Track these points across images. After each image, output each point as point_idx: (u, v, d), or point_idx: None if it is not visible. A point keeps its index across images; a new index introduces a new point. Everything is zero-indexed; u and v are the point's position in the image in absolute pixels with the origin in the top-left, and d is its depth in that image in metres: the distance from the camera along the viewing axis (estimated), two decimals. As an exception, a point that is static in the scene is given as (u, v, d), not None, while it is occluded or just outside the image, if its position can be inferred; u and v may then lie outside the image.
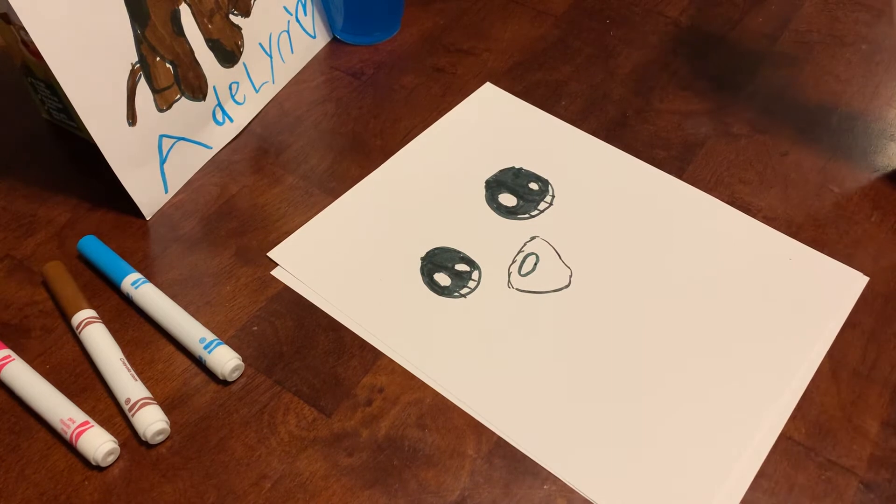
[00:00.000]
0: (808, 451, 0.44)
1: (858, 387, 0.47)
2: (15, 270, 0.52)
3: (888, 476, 0.43)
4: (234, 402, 0.46)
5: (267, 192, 0.57)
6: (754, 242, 0.54)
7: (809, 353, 0.48)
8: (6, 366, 0.46)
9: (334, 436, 0.45)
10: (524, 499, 0.43)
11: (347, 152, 0.60)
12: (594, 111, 0.63)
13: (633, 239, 0.54)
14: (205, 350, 0.46)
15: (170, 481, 0.43)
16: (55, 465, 0.43)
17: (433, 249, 0.53)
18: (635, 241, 0.54)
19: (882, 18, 0.71)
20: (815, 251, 0.53)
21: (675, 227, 0.55)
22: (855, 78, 0.65)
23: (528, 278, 0.52)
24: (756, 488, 0.43)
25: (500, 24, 0.70)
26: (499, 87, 0.65)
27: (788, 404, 0.46)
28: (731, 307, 0.50)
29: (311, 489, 0.43)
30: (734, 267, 0.52)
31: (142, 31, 0.51)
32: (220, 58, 0.58)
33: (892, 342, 0.49)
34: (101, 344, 0.47)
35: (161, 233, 0.54)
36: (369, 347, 0.48)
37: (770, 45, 0.68)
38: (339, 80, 0.65)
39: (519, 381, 0.47)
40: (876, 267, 0.52)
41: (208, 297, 0.51)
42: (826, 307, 0.50)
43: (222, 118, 0.60)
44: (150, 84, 0.53)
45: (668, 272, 0.52)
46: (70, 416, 0.43)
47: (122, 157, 0.52)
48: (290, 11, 0.64)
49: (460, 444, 0.44)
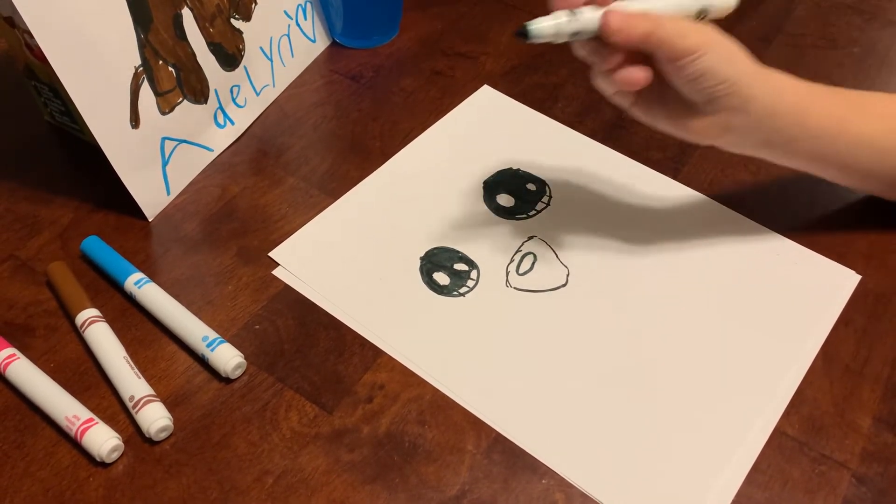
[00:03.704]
0: (802, 445, 0.45)
1: (851, 383, 0.48)
2: (19, 270, 0.53)
3: (880, 470, 0.44)
4: (236, 399, 0.47)
5: (268, 194, 0.58)
6: (748, 241, 0.55)
7: (802, 350, 0.49)
8: (11, 364, 0.46)
9: (335, 432, 0.45)
10: (523, 493, 0.43)
11: (347, 154, 0.60)
12: (590, 113, 0.64)
13: (629, 238, 0.55)
14: (207, 348, 0.47)
15: (173, 477, 0.43)
16: (60, 461, 0.44)
17: (432, 249, 0.54)
18: (631, 240, 0.54)
19: (874, 22, 0.72)
20: (808, 250, 0.54)
21: (670, 227, 0.55)
22: (847, 81, 0.66)
23: (525, 277, 0.53)
24: (750, 482, 0.44)
25: (497, 28, 0.71)
26: (496, 90, 0.65)
27: (782, 400, 0.47)
28: (726, 305, 0.51)
29: (313, 484, 0.43)
30: (728, 265, 0.53)
31: (145, 34, 0.52)
32: (222, 61, 0.59)
33: (884, 339, 0.50)
34: (105, 342, 0.47)
35: (163, 233, 0.55)
36: (369, 345, 0.49)
37: (763, 48, 0.69)
38: (338, 83, 0.66)
39: (517, 378, 0.48)
40: (868, 265, 0.53)
41: (210, 297, 0.51)
42: (819, 305, 0.51)
43: (223, 121, 0.60)
44: (152, 87, 0.53)
45: (664, 271, 0.53)
46: (75, 414, 0.44)
47: (125, 159, 0.53)
48: (290, 16, 0.65)
49: (460, 440, 0.45)
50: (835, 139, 0.49)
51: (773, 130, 0.47)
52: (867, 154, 0.50)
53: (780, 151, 0.50)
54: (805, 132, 0.48)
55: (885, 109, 0.50)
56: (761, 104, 0.46)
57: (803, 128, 0.48)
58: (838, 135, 0.49)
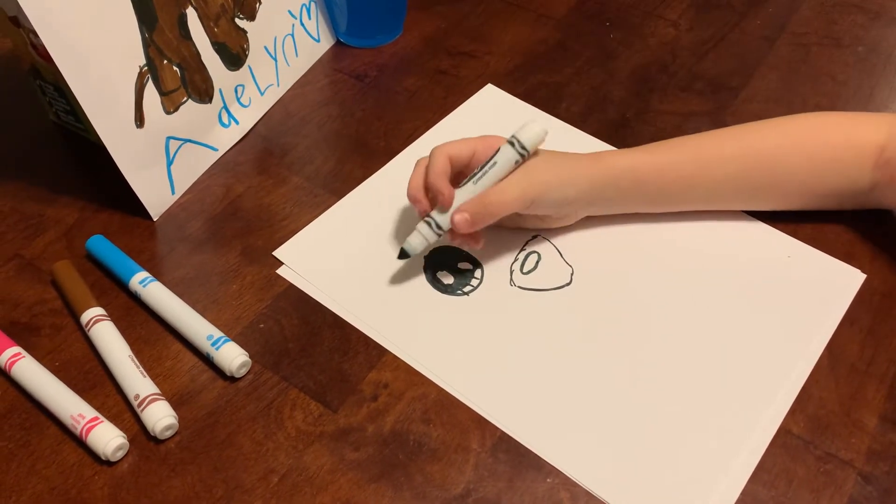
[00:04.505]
0: (808, 444, 0.45)
1: (857, 381, 0.48)
2: (24, 270, 0.53)
3: (886, 469, 0.44)
4: (241, 397, 0.47)
5: (272, 193, 0.58)
6: (754, 241, 0.55)
7: (807, 349, 0.49)
8: (17, 363, 0.46)
9: (340, 430, 0.45)
10: (528, 492, 0.43)
11: (351, 153, 0.60)
12: (595, 112, 0.64)
13: (634, 237, 0.55)
14: (212, 347, 0.47)
15: (178, 475, 0.43)
16: (65, 459, 0.44)
17: (436, 248, 0.54)
18: (635, 239, 0.54)
19: (878, 20, 0.72)
20: (813, 249, 0.54)
21: (675, 226, 0.55)
22: (851, 79, 0.66)
23: (529, 276, 0.53)
24: (756, 481, 0.43)
25: (501, 27, 0.71)
26: (500, 89, 0.65)
27: (787, 399, 0.47)
28: (732, 303, 0.51)
29: (318, 483, 0.43)
30: (734, 264, 0.53)
31: (150, 34, 0.52)
32: (226, 61, 0.59)
33: (889, 338, 0.50)
34: (110, 341, 0.47)
35: (168, 233, 0.55)
36: (374, 344, 0.49)
37: (768, 47, 0.69)
38: (342, 82, 0.66)
39: (522, 376, 0.48)
40: (873, 265, 0.53)
41: (215, 296, 0.51)
42: (824, 304, 0.51)
43: (228, 120, 0.60)
44: (157, 87, 0.54)
45: (669, 268, 0.53)
46: (80, 412, 0.44)
47: (130, 158, 0.53)
48: (294, 15, 0.65)
49: (464, 439, 0.45)
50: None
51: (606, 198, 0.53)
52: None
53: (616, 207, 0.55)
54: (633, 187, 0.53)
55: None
56: (589, 189, 0.52)
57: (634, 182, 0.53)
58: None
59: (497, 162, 0.48)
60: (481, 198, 0.49)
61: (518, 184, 0.49)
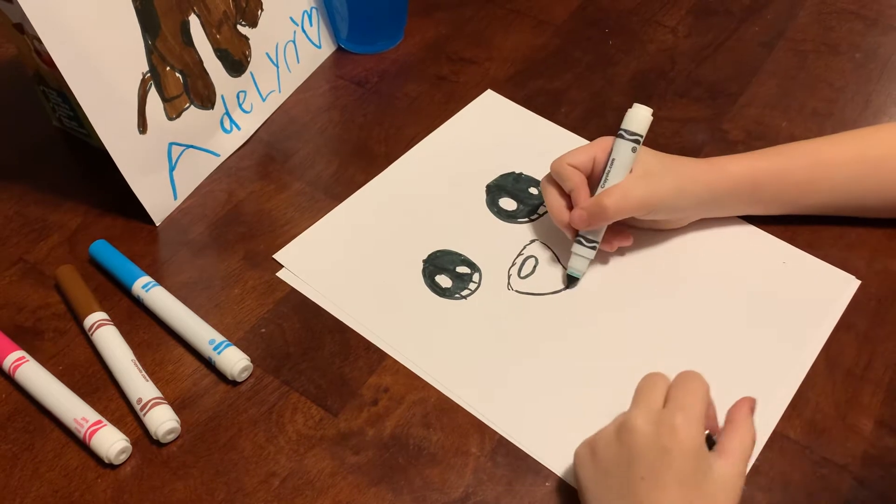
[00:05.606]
0: (804, 448, 0.45)
1: (852, 386, 0.48)
2: (28, 274, 0.53)
3: (881, 473, 0.44)
4: (242, 401, 0.47)
5: (274, 198, 0.58)
6: (750, 246, 0.55)
7: (802, 355, 0.49)
8: (20, 367, 0.47)
9: (341, 434, 0.46)
10: (527, 496, 0.44)
11: (352, 158, 0.61)
12: (594, 118, 0.64)
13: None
14: (214, 351, 0.47)
15: (180, 479, 0.44)
16: (69, 463, 0.44)
17: (435, 252, 0.55)
18: (633, 244, 0.55)
19: (875, 27, 0.72)
20: (808, 255, 0.54)
21: (672, 231, 0.56)
22: (848, 86, 0.67)
23: (527, 280, 0.53)
24: (752, 485, 0.44)
25: (501, 34, 0.71)
26: (500, 95, 0.66)
27: (783, 403, 0.47)
28: (728, 309, 0.51)
29: (319, 486, 0.44)
30: (730, 270, 0.54)
31: (152, 41, 0.53)
32: (228, 67, 0.59)
33: (885, 343, 0.50)
34: (113, 345, 0.48)
35: (170, 237, 0.56)
36: (374, 348, 0.50)
37: (766, 53, 0.70)
38: (343, 88, 0.67)
39: (520, 381, 0.48)
40: (869, 270, 0.54)
41: (217, 300, 0.52)
42: (819, 309, 0.52)
43: (230, 126, 0.61)
44: (160, 93, 0.54)
45: (665, 274, 0.53)
46: (83, 416, 0.44)
47: (133, 164, 0.53)
48: (296, 22, 0.65)
49: (464, 443, 0.45)
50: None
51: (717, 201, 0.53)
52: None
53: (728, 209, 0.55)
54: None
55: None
56: (704, 188, 0.52)
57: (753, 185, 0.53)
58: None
59: (615, 159, 0.50)
60: (599, 199, 0.49)
61: (638, 189, 0.49)
